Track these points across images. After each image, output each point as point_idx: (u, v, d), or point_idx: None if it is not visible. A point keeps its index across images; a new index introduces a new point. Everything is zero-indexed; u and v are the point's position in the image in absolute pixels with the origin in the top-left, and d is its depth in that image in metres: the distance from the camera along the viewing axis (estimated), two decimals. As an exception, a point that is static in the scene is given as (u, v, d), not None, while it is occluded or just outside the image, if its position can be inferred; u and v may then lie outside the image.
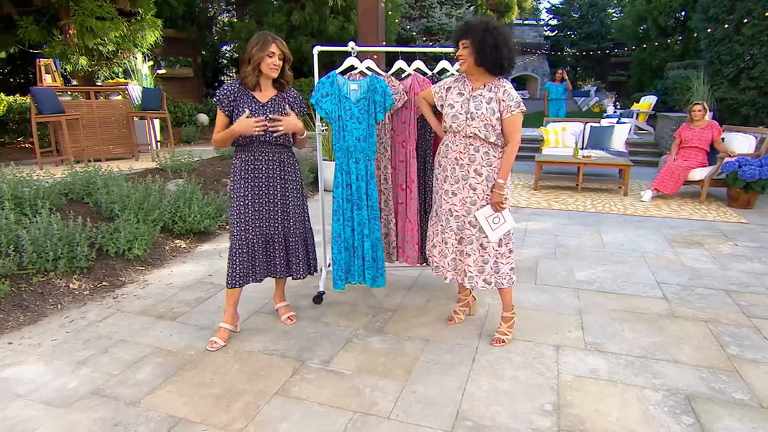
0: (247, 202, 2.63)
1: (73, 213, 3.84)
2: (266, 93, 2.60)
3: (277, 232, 2.72)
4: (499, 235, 2.52)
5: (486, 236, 2.54)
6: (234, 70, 17.57)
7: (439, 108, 2.66)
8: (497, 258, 2.57)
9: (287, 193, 2.72)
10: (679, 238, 4.58)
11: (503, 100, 2.43)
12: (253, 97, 2.56)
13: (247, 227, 2.64)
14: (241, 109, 2.53)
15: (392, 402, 2.17)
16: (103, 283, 3.43)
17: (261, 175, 2.64)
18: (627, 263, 3.92)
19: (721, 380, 2.33)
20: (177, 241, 4.26)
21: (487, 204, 2.51)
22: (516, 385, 2.29)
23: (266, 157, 2.63)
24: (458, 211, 2.57)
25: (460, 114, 2.48)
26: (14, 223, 3.40)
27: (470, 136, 2.48)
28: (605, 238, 4.61)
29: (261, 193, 2.65)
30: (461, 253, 2.61)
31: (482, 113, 2.42)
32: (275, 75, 2.55)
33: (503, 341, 2.66)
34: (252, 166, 2.61)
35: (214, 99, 2.57)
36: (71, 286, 3.29)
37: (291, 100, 2.68)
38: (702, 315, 3.01)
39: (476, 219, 2.52)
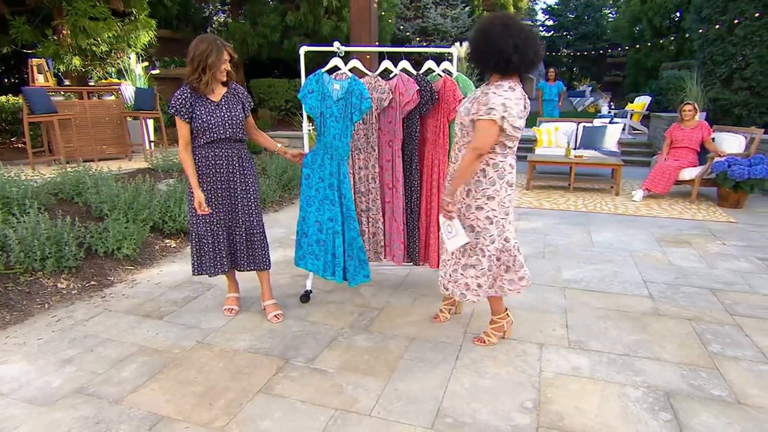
0: (209, 196, 2.72)
1: (62, 213, 3.84)
2: (217, 92, 2.66)
3: (238, 225, 2.80)
4: (454, 246, 2.37)
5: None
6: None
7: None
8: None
9: (247, 187, 2.80)
10: (667, 238, 4.60)
11: None
12: (207, 99, 2.62)
13: (211, 219, 2.75)
14: (198, 113, 2.59)
15: (374, 399, 2.18)
16: (92, 283, 3.43)
17: (221, 170, 2.71)
18: (615, 262, 3.94)
19: (700, 377, 2.35)
20: (167, 241, 4.27)
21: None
22: (498, 383, 2.31)
23: (226, 153, 2.70)
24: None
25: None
26: (1, 223, 3.40)
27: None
28: (595, 237, 4.63)
29: (222, 187, 2.74)
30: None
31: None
32: (225, 78, 2.62)
33: (484, 341, 2.66)
34: (212, 162, 2.69)
35: (171, 110, 2.59)
36: (59, 285, 3.29)
37: (242, 96, 2.75)
38: (686, 313, 3.03)
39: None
